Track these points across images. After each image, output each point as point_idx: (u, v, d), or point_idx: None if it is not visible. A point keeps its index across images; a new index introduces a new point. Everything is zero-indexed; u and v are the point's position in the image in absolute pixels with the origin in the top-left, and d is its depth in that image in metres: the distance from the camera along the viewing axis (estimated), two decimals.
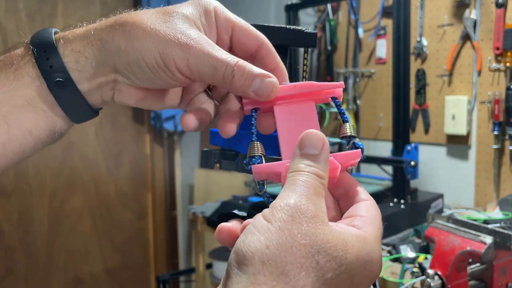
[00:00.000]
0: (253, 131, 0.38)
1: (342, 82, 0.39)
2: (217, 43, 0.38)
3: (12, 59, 0.38)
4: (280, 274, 0.28)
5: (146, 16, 0.36)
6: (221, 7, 0.39)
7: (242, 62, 0.36)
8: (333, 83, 0.39)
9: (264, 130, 0.39)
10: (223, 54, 0.36)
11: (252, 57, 0.40)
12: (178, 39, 0.35)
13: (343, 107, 1.71)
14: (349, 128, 0.38)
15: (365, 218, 0.33)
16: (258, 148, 0.37)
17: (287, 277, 0.28)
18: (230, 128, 0.39)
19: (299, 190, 0.31)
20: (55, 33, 0.38)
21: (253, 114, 0.38)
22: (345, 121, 0.38)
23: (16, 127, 0.37)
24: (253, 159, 0.36)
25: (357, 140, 0.37)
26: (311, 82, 0.37)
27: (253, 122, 0.38)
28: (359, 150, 0.36)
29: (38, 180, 2.15)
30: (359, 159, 0.36)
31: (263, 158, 0.37)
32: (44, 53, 0.37)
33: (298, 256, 0.28)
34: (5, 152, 0.38)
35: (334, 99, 0.39)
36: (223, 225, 0.35)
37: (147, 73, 0.36)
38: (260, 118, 0.39)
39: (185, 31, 0.35)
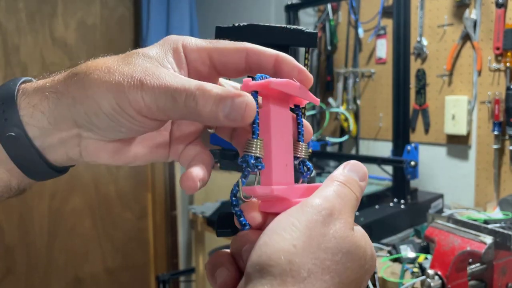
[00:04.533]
0: (256, 120, 0.32)
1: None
2: (194, 77, 0.34)
3: None
4: (307, 276, 0.27)
5: (103, 62, 0.33)
6: (190, 40, 0.35)
7: (205, 85, 0.31)
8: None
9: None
10: (181, 81, 0.31)
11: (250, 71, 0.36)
12: (132, 78, 0.31)
13: (343, 107, 1.68)
14: (304, 149, 0.36)
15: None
16: (257, 146, 0.32)
17: (314, 279, 0.27)
18: None
19: (334, 189, 0.31)
20: (24, 82, 0.36)
21: (254, 96, 0.32)
22: (300, 140, 0.36)
23: None
24: (249, 157, 0.32)
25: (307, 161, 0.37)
26: (296, 83, 0.33)
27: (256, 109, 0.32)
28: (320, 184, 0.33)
29: None
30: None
31: (261, 160, 0.32)
32: (2, 105, 0.34)
33: (325, 258, 0.28)
34: None
35: (297, 107, 0.36)
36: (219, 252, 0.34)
37: (106, 121, 0.33)
38: None
39: (142, 68, 0.32)
